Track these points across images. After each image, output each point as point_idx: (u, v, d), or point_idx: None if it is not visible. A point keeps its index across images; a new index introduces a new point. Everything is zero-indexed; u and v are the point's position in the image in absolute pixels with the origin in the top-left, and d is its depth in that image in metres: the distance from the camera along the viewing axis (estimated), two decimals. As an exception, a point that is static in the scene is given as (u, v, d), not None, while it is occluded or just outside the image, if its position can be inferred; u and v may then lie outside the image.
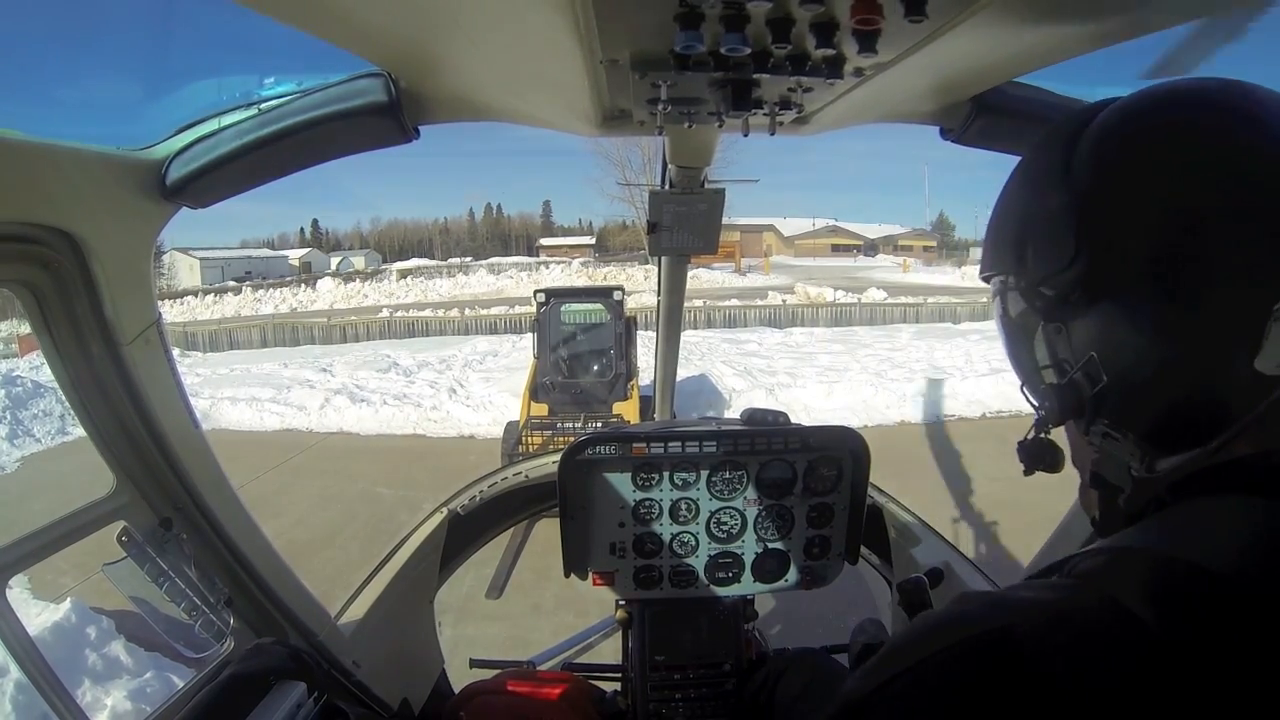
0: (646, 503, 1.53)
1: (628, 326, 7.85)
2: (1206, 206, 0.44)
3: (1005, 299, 0.57)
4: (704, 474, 1.52)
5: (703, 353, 14.38)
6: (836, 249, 53.64)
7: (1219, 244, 0.43)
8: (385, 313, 22.36)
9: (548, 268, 37.04)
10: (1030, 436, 0.58)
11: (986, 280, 0.59)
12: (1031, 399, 0.58)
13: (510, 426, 7.35)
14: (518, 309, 19.96)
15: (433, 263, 46.87)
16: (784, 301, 22.03)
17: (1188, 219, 0.44)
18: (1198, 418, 0.46)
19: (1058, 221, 0.49)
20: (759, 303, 21.23)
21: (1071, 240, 0.48)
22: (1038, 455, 0.59)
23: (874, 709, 0.47)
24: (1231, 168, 0.44)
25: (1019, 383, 0.58)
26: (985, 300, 0.69)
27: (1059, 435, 0.60)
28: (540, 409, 7.38)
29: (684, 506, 1.53)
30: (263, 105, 1.02)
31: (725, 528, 1.55)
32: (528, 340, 8.68)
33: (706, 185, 1.45)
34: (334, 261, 52.29)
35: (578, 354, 8.09)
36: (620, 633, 1.66)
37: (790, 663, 1.39)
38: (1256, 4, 0.69)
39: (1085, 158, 0.49)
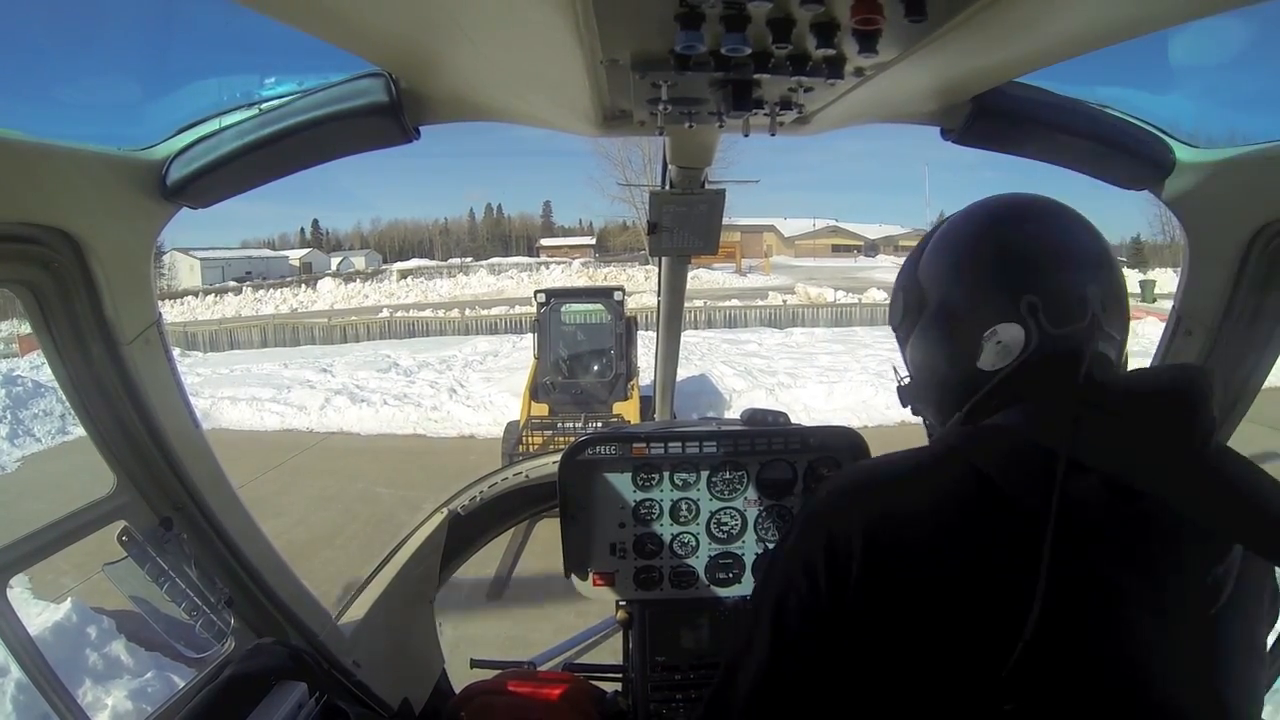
0: (647, 503, 1.53)
1: (628, 327, 7.86)
2: (953, 285, 0.76)
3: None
4: (704, 474, 1.52)
5: (703, 353, 14.39)
6: (837, 249, 53.57)
7: (958, 304, 0.75)
8: (385, 313, 22.37)
9: (548, 268, 36.98)
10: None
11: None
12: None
13: (510, 426, 7.37)
14: (518, 309, 19.97)
15: (433, 263, 46.79)
16: (784, 302, 22.03)
17: (947, 291, 0.77)
18: (954, 396, 0.76)
19: (902, 291, 0.83)
20: (759, 303, 21.23)
21: (902, 303, 0.82)
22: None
23: (774, 566, 0.74)
24: (966, 262, 0.76)
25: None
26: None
27: None
28: (540, 409, 7.40)
29: (684, 507, 1.53)
30: (263, 105, 1.01)
31: (726, 528, 1.55)
32: (528, 340, 8.70)
33: (707, 186, 1.45)
34: (334, 262, 52.19)
35: (578, 354, 8.11)
36: (621, 633, 1.66)
37: None
38: (1255, 3, 0.69)
39: (923, 252, 0.81)
